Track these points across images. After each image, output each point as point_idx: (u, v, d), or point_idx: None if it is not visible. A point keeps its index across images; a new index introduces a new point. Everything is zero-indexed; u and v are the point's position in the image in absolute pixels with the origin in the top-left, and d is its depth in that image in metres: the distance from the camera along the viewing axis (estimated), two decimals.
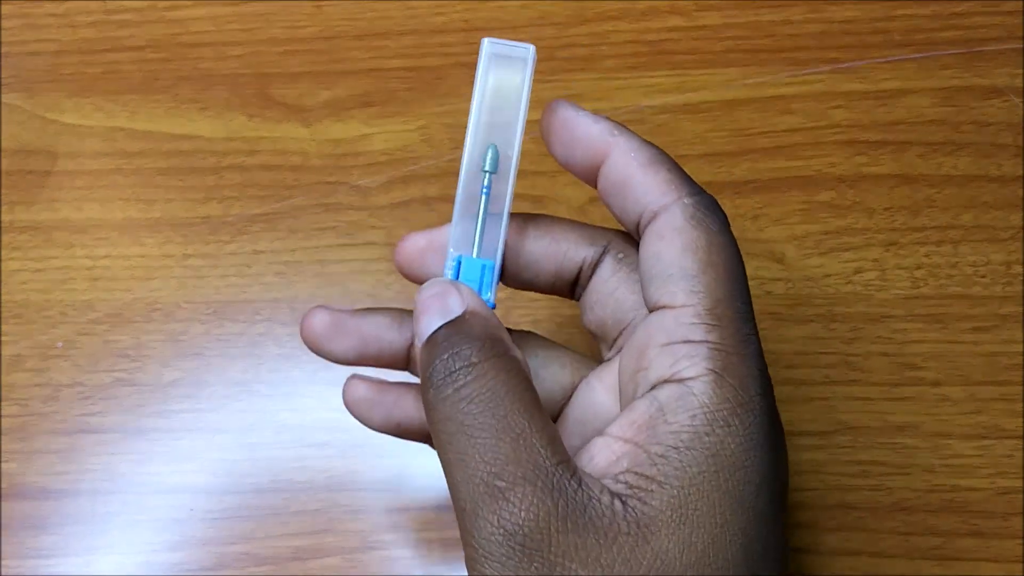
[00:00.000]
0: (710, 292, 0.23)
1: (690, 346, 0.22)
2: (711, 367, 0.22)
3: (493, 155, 0.26)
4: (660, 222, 0.24)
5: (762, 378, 0.23)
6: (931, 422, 0.38)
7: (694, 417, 0.21)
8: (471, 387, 0.22)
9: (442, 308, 0.24)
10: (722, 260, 0.23)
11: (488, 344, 0.22)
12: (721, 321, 0.23)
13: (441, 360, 0.22)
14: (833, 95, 0.43)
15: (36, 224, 0.43)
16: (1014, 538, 0.36)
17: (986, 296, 0.39)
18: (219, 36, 0.46)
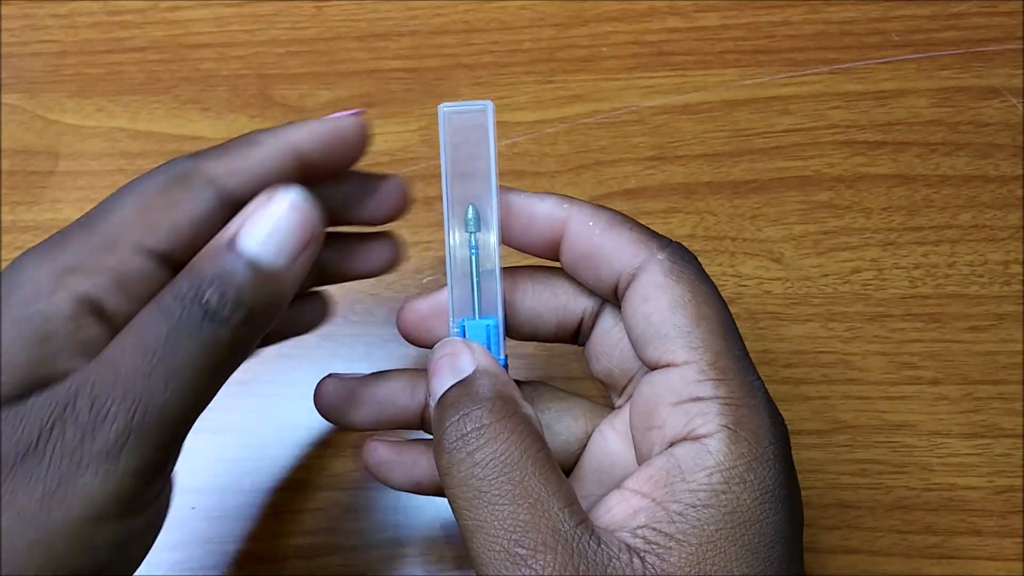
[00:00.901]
0: (708, 346, 0.23)
1: (701, 404, 0.22)
2: (724, 423, 0.22)
3: (474, 215, 0.25)
4: (640, 283, 0.24)
5: (774, 426, 0.23)
6: (929, 421, 0.38)
7: (711, 475, 0.22)
8: (484, 451, 0.22)
9: (453, 368, 0.24)
10: (712, 310, 0.24)
11: (499, 404, 0.22)
12: (726, 374, 0.23)
13: (452, 423, 0.22)
14: (831, 96, 0.43)
15: (38, 224, 0.43)
16: (1012, 536, 0.36)
17: (983, 295, 0.39)
18: (220, 37, 0.46)
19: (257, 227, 0.21)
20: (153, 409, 0.20)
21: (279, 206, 0.21)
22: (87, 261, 0.21)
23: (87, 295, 0.21)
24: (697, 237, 0.41)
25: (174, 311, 0.20)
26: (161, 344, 0.20)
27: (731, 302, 0.40)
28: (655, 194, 0.42)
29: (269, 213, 0.21)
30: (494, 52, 0.45)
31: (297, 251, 0.21)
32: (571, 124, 0.43)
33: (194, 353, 0.20)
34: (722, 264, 0.40)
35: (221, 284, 0.20)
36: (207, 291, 0.20)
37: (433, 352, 0.25)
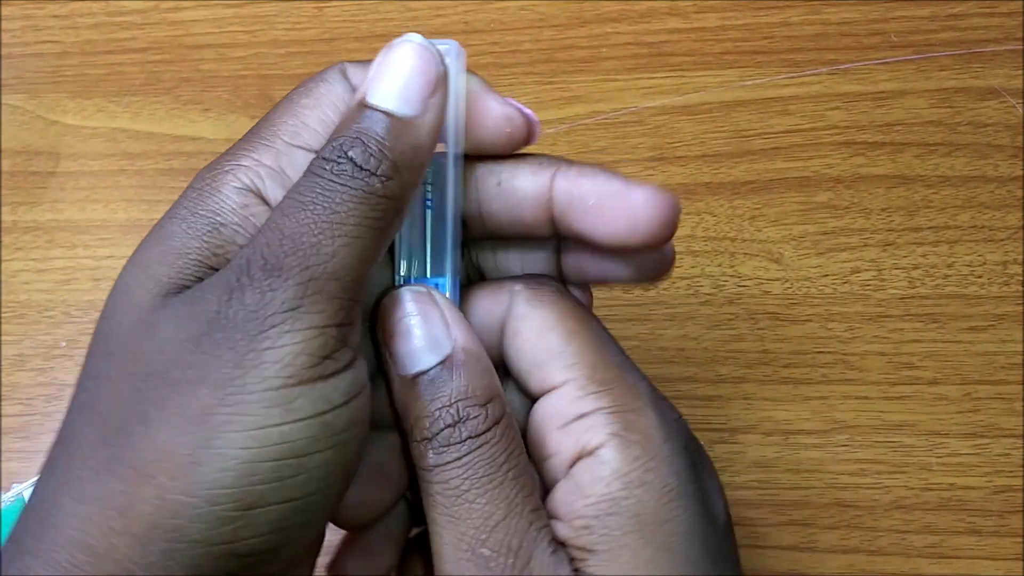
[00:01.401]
0: (583, 360, 0.23)
1: (586, 419, 0.22)
2: (612, 431, 0.22)
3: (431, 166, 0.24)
4: (507, 322, 0.24)
5: (665, 424, 0.22)
6: (928, 421, 0.38)
7: (608, 484, 0.21)
8: (474, 455, 0.21)
9: (427, 336, 0.22)
10: (578, 324, 0.23)
11: (491, 408, 0.22)
12: (605, 383, 0.22)
13: (447, 429, 0.21)
14: (831, 96, 0.43)
15: (39, 224, 0.43)
16: (1011, 536, 0.36)
17: (982, 296, 0.39)
18: (221, 38, 0.46)
19: (383, 81, 0.21)
20: (325, 261, 0.19)
21: (398, 54, 0.21)
22: (247, 160, 0.22)
23: (249, 187, 0.21)
24: (697, 238, 0.41)
25: (324, 170, 0.20)
26: (320, 199, 0.20)
27: (731, 302, 0.40)
28: None
29: (390, 63, 0.21)
30: (494, 53, 0.45)
31: (426, 96, 0.21)
32: (571, 125, 0.43)
33: (351, 205, 0.20)
34: (721, 264, 0.41)
35: (361, 140, 0.20)
36: (350, 149, 0.20)
37: (391, 304, 0.22)
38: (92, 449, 0.19)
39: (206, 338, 0.19)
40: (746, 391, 0.39)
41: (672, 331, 0.40)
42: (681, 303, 0.40)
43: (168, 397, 0.19)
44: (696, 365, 0.39)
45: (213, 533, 0.18)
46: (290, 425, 0.19)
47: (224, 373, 0.18)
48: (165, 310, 0.20)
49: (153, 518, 0.18)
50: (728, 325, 0.40)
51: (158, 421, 0.18)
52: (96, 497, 0.18)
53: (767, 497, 0.37)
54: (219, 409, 0.18)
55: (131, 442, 0.19)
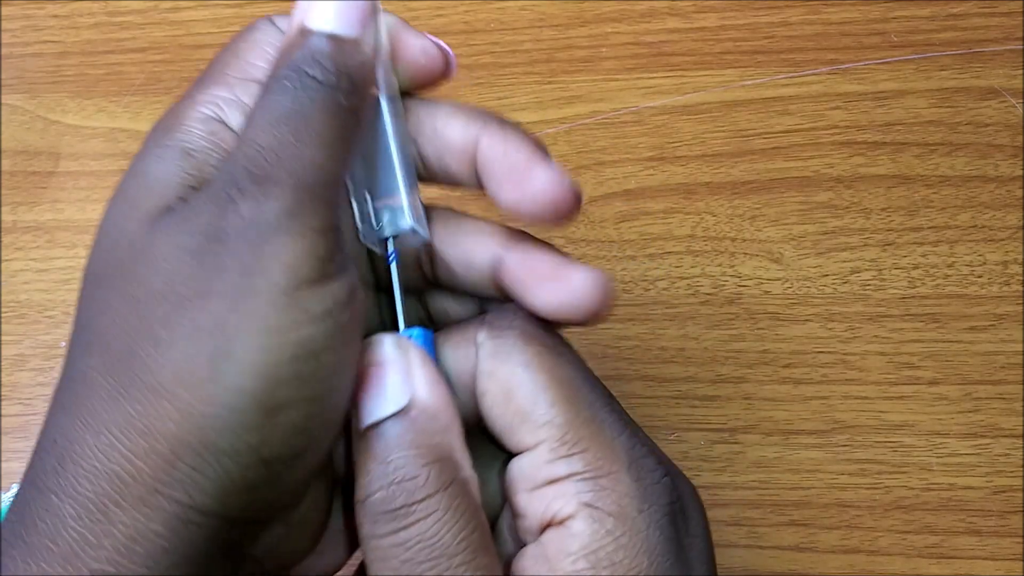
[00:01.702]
0: (553, 420, 0.21)
1: (556, 486, 0.21)
2: (584, 501, 0.20)
3: (389, 219, 0.23)
4: (476, 381, 0.22)
5: (640, 489, 0.21)
6: (928, 421, 0.38)
7: (575, 561, 0.20)
8: (411, 531, 0.19)
9: (384, 391, 0.20)
10: (547, 375, 0.21)
11: (436, 471, 0.19)
12: (578, 444, 0.21)
13: (380, 489, 0.19)
14: (831, 96, 0.43)
15: (39, 224, 0.43)
16: (1012, 536, 0.36)
17: (983, 296, 0.39)
18: (221, 38, 0.46)
19: (320, 7, 0.21)
20: (308, 167, 0.19)
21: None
22: (203, 95, 0.22)
23: (212, 116, 0.21)
24: (697, 237, 0.41)
25: (289, 87, 0.20)
26: (294, 112, 0.19)
27: (731, 302, 0.40)
28: (655, 194, 0.42)
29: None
30: (494, 53, 0.45)
31: (365, 19, 0.21)
32: (571, 125, 0.43)
33: (324, 116, 0.20)
34: (721, 264, 0.41)
35: (316, 58, 0.20)
36: (309, 67, 0.20)
37: (364, 348, 0.21)
38: (103, 378, 0.19)
39: (207, 251, 0.19)
40: (746, 391, 0.39)
41: (672, 331, 0.40)
42: (681, 303, 0.40)
43: (175, 314, 0.18)
44: (696, 365, 0.39)
45: (239, 441, 0.18)
46: (304, 325, 0.18)
47: (232, 283, 0.18)
48: (156, 231, 0.19)
49: (178, 435, 0.18)
50: (728, 325, 0.40)
51: (169, 339, 0.18)
52: (115, 423, 0.18)
53: (767, 497, 0.37)
54: (231, 318, 0.18)
55: (144, 364, 0.18)
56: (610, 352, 0.40)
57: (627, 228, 0.41)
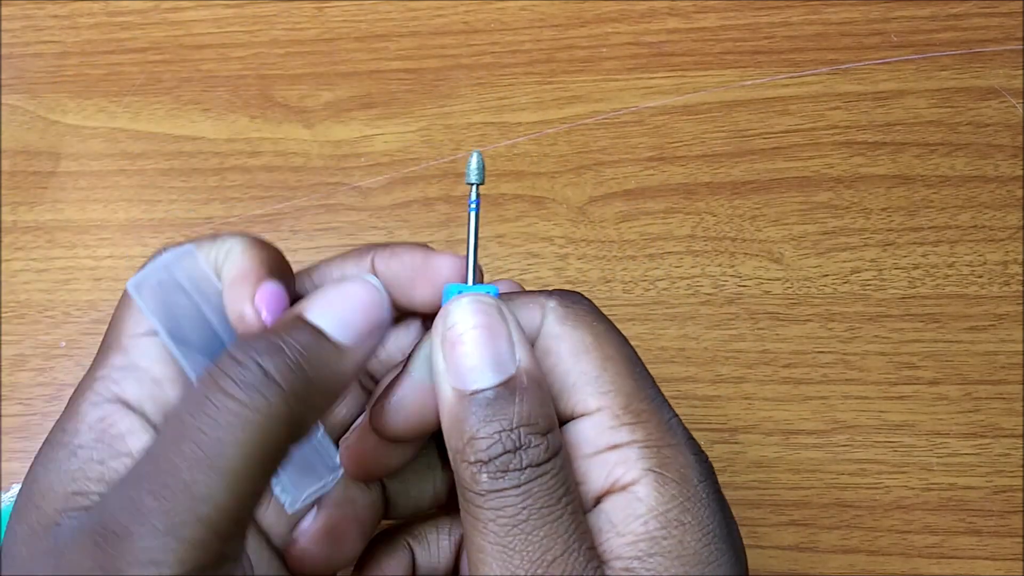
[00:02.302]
0: (619, 389, 0.22)
1: (619, 451, 0.21)
2: (648, 467, 0.21)
3: (478, 162, 0.23)
4: (540, 339, 0.23)
5: (699, 463, 0.22)
6: (928, 421, 0.38)
7: (646, 522, 0.20)
8: (535, 485, 0.20)
9: (494, 355, 0.21)
10: (615, 350, 0.22)
11: (553, 437, 0.20)
12: (641, 416, 0.22)
13: (506, 455, 0.20)
14: (831, 96, 0.43)
15: (39, 224, 0.43)
16: (1012, 536, 0.36)
17: (983, 296, 0.39)
18: (221, 38, 0.46)
19: (326, 303, 0.21)
20: (193, 506, 0.18)
21: (352, 287, 0.21)
22: (101, 369, 0.22)
23: (107, 398, 0.21)
24: (697, 237, 0.41)
25: (220, 379, 0.19)
26: (206, 423, 0.18)
27: (731, 302, 0.40)
28: (655, 194, 0.42)
29: (339, 291, 0.21)
30: (494, 53, 0.45)
31: (365, 331, 0.21)
32: (571, 125, 0.43)
33: (242, 433, 0.18)
34: (722, 264, 0.41)
35: (283, 348, 0.19)
36: (262, 355, 0.19)
37: (457, 311, 0.21)
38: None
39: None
40: (746, 391, 0.39)
41: (672, 331, 0.40)
42: (681, 303, 0.40)
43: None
44: (696, 365, 0.39)
45: None
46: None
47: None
48: (38, 559, 0.20)
49: None
50: (728, 325, 0.40)
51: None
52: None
53: (767, 497, 0.37)
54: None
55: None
56: None
57: (627, 228, 0.41)
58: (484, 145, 0.43)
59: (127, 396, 0.21)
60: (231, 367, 0.19)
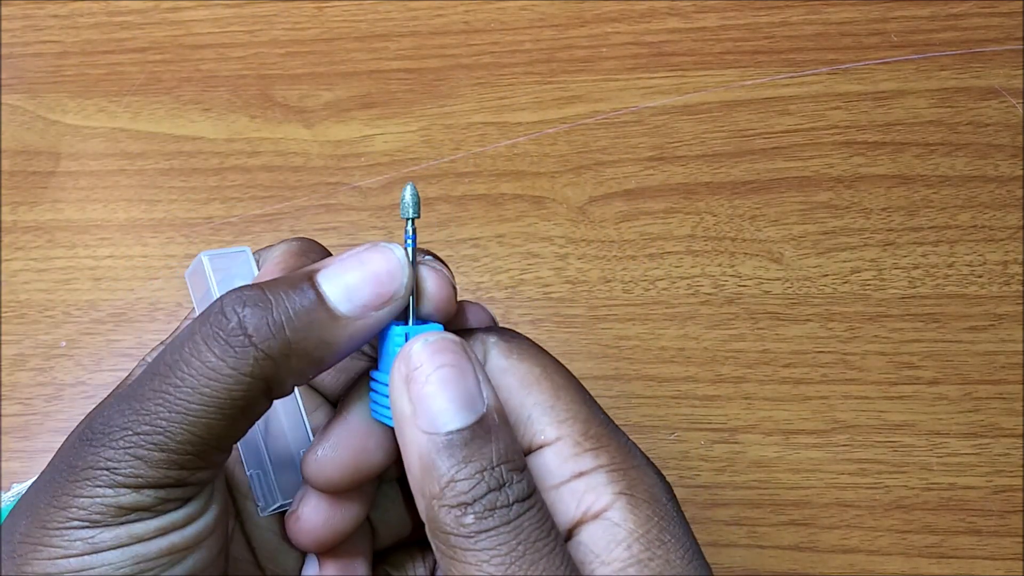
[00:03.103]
0: (575, 415, 0.21)
1: (586, 478, 0.21)
2: (618, 490, 0.21)
3: (412, 197, 0.22)
4: (491, 374, 0.22)
5: (662, 481, 0.21)
6: (928, 421, 0.38)
7: (630, 547, 0.20)
8: (525, 519, 0.19)
9: (465, 395, 0.20)
10: (564, 379, 0.22)
11: (528, 472, 0.20)
12: (601, 440, 0.21)
13: (491, 493, 0.19)
14: (831, 96, 0.43)
15: (39, 224, 0.43)
16: (1012, 536, 0.36)
17: (983, 296, 0.39)
18: (221, 38, 0.46)
19: (342, 268, 0.20)
20: (156, 429, 0.19)
21: (368, 254, 0.21)
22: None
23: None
24: (697, 237, 0.41)
25: (204, 322, 0.20)
26: (182, 360, 0.19)
27: (731, 302, 0.40)
28: (655, 194, 0.42)
29: (357, 258, 0.21)
30: (494, 53, 0.45)
31: (370, 302, 0.20)
32: (571, 124, 0.43)
33: (211, 379, 0.19)
34: (721, 264, 0.41)
35: (270, 302, 0.20)
36: (245, 306, 0.20)
37: (422, 351, 0.20)
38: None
39: (46, 480, 0.21)
40: (746, 391, 0.39)
41: (672, 331, 0.40)
42: (681, 303, 0.40)
43: (8, 526, 0.21)
44: (696, 365, 0.39)
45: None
46: (91, 555, 0.20)
47: (42, 509, 0.20)
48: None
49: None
50: (728, 325, 0.40)
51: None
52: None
53: (767, 497, 0.37)
54: (29, 539, 0.20)
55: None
56: (610, 352, 0.40)
57: (627, 228, 0.41)
58: (484, 145, 0.43)
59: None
60: (215, 315, 0.20)
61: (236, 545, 0.25)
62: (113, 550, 0.20)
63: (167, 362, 0.20)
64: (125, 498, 0.20)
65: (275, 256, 0.24)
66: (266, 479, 0.24)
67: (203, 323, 0.20)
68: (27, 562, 0.20)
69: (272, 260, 0.24)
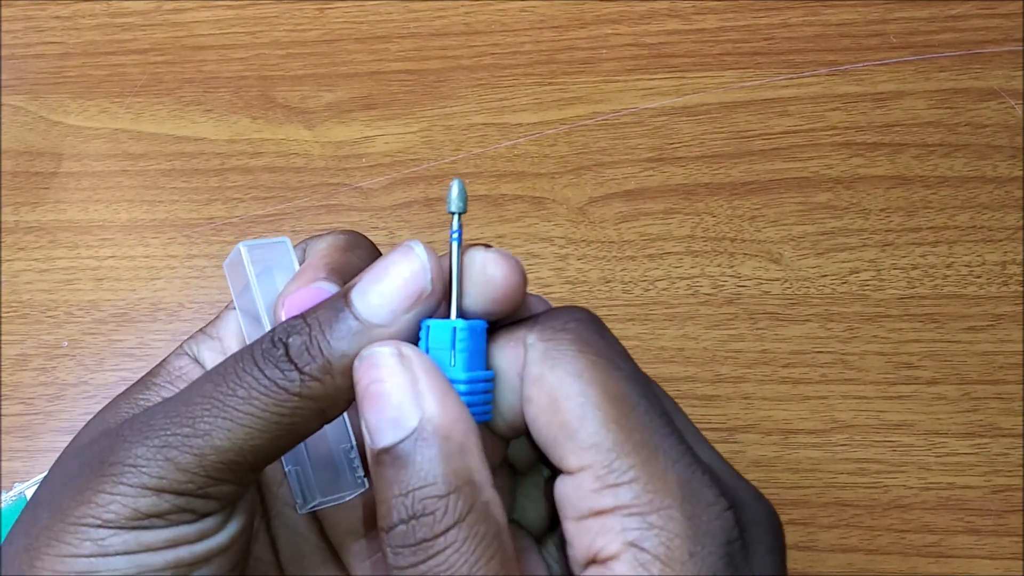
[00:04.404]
0: (603, 440, 0.19)
1: (601, 519, 0.19)
2: (629, 540, 0.18)
3: (459, 191, 0.22)
4: (523, 385, 0.20)
5: (693, 529, 0.18)
6: (927, 420, 0.38)
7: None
8: (432, 563, 0.18)
9: (392, 411, 0.19)
10: (598, 389, 0.19)
11: (456, 498, 0.18)
12: (627, 472, 0.19)
13: (402, 526, 0.18)
14: (830, 97, 0.43)
15: (41, 225, 0.43)
16: (1010, 535, 0.36)
17: (981, 296, 0.40)
18: (222, 39, 0.46)
19: (372, 277, 0.20)
20: (190, 435, 0.20)
21: (391, 258, 0.20)
22: (199, 334, 0.25)
23: (186, 352, 0.24)
24: (696, 238, 0.41)
25: (253, 349, 0.20)
26: (230, 378, 0.20)
27: (730, 302, 0.40)
28: (654, 195, 0.42)
29: (383, 265, 0.20)
30: (494, 54, 0.45)
31: (400, 307, 0.20)
32: (571, 126, 0.44)
33: (256, 394, 0.19)
34: (721, 265, 0.41)
35: (309, 329, 0.20)
36: (290, 335, 0.20)
37: (362, 363, 0.20)
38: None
39: (73, 472, 0.21)
40: (745, 391, 0.39)
41: (672, 331, 0.40)
42: (681, 303, 0.40)
43: (28, 515, 0.21)
44: (696, 365, 0.39)
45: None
46: (98, 558, 0.20)
47: (64, 502, 0.20)
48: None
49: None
50: (728, 325, 0.40)
51: (13, 533, 0.21)
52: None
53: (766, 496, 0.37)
54: (46, 532, 0.20)
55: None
56: None
57: (627, 228, 0.42)
58: (484, 146, 0.43)
59: (203, 359, 0.23)
60: (266, 341, 0.20)
61: (259, 545, 0.24)
62: (120, 556, 0.20)
63: (220, 371, 0.20)
64: (143, 500, 0.20)
65: (320, 249, 0.23)
66: (305, 476, 0.23)
67: (254, 347, 0.20)
68: (39, 556, 0.20)
69: (317, 253, 0.23)
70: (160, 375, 0.23)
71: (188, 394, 0.20)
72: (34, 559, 0.20)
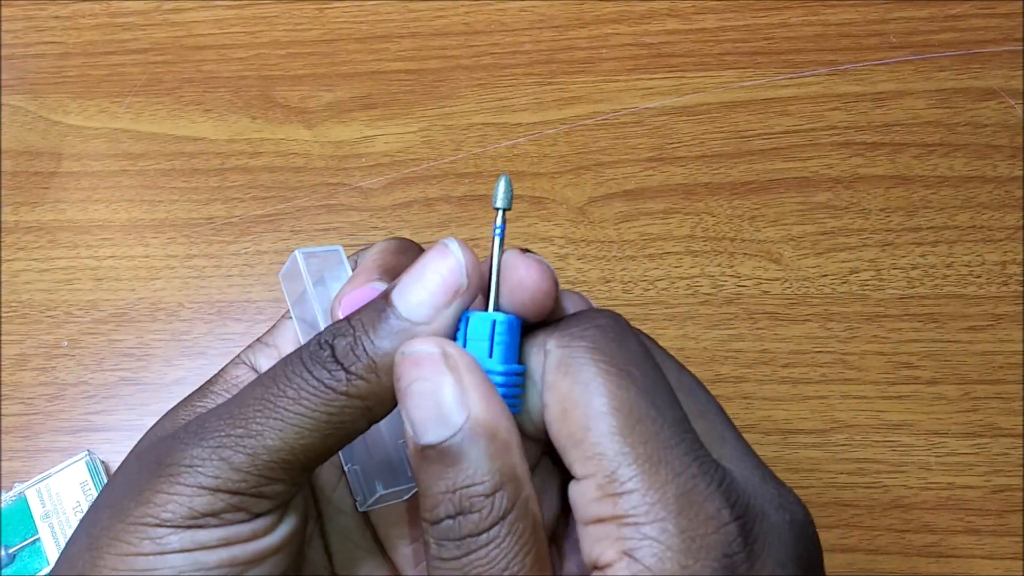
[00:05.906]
0: (607, 450, 0.19)
1: (601, 527, 0.19)
2: (624, 549, 0.19)
3: (506, 187, 0.22)
4: (544, 388, 0.21)
5: (687, 541, 0.18)
6: (927, 420, 0.38)
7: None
8: (473, 559, 0.19)
9: (438, 408, 0.19)
10: (608, 399, 0.20)
11: (501, 495, 0.19)
12: (628, 482, 0.19)
13: (448, 520, 0.19)
14: (830, 97, 0.43)
15: (41, 225, 0.43)
16: (1010, 535, 0.36)
17: (981, 296, 0.40)
18: (222, 39, 0.46)
19: (410, 277, 0.21)
20: (244, 435, 0.20)
21: (426, 257, 0.21)
22: (257, 343, 0.25)
23: (244, 361, 0.25)
24: (696, 238, 0.41)
25: (303, 351, 0.21)
26: (280, 379, 0.20)
27: (730, 302, 0.40)
28: (654, 195, 0.42)
29: (420, 265, 0.21)
30: (494, 54, 0.45)
31: (439, 303, 0.20)
32: (571, 125, 0.44)
33: (305, 394, 0.20)
34: (721, 264, 0.41)
35: (354, 331, 0.21)
36: (336, 337, 0.20)
37: (404, 361, 0.20)
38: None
39: (132, 474, 0.21)
40: (745, 391, 0.39)
41: (672, 331, 0.40)
42: (681, 303, 0.40)
43: (90, 516, 0.21)
44: (696, 365, 0.39)
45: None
46: (158, 556, 0.20)
47: (124, 503, 0.21)
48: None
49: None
50: (727, 325, 0.40)
51: (76, 534, 0.21)
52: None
53: None
54: (107, 532, 0.21)
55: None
56: None
57: (627, 228, 0.42)
58: (484, 146, 0.43)
59: (260, 367, 0.24)
60: (313, 344, 0.21)
61: (312, 549, 0.25)
62: (177, 554, 0.20)
63: (271, 375, 0.21)
64: (199, 500, 0.20)
65: (372, 254, 0.24)
66: (365, 473, 0.24)
67: (303, 351, 0.21)
68: (101, 555, 0.20)
69: (370, 258, 0.24)
70: (218, 383, 0.24)
71: (241, 397, 0.21)
72: (96, 558, 0.20)
